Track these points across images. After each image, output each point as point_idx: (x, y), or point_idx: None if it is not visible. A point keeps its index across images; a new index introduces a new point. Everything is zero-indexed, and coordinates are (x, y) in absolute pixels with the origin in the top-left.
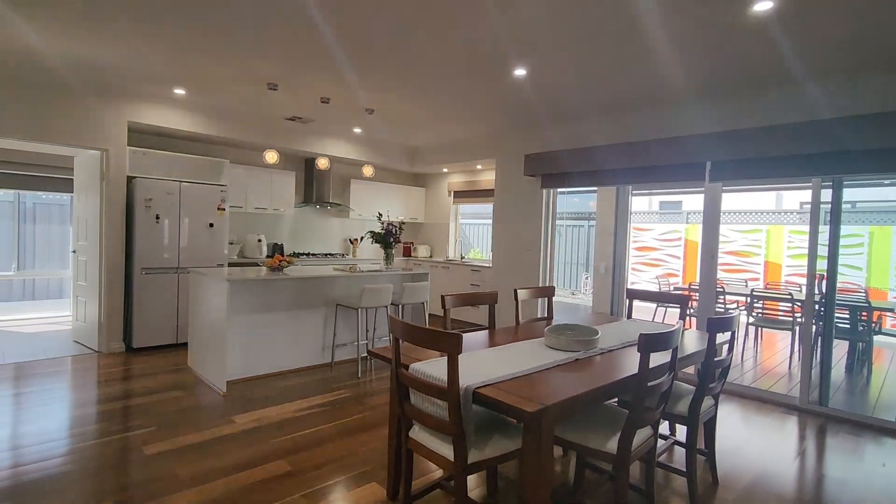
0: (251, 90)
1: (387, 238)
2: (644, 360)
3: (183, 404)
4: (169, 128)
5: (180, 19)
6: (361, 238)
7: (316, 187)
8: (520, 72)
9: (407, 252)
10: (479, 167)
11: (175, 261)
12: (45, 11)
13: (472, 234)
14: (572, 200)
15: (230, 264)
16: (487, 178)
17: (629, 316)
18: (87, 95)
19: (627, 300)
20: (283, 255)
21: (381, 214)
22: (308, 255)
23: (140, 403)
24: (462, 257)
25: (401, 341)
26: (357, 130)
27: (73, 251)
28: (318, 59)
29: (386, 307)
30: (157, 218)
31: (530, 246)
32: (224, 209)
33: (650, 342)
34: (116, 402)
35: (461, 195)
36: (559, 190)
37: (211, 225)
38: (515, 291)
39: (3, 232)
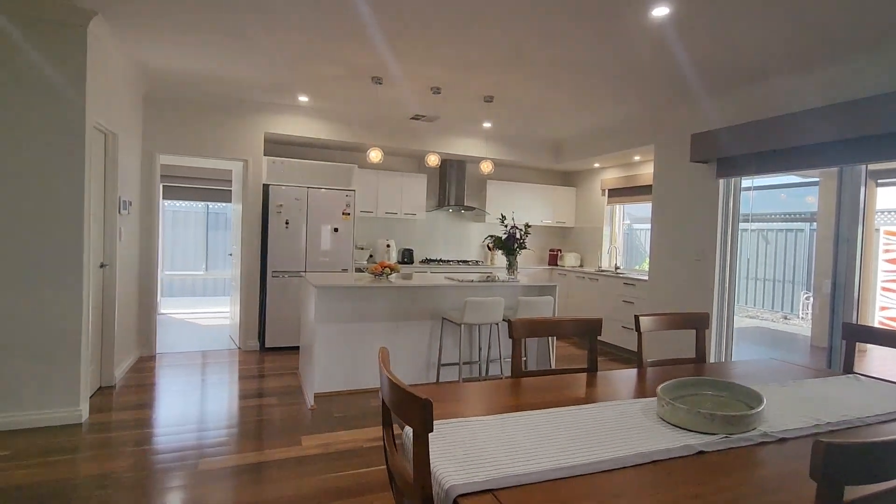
0: (361, 87)
1: (508, 243)
2: (827, 494)
3: (269, 414)
4: (300, 136)
5: (282, 16)
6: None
7: (450, 190)
8: (660, 10)
9: (553, 260)
10: (636, 158)
11: (302, 264)
12: (195, 38)
13: (646, 241)
14: (778, 196)
15: (357, 269)
16: (648, 171)
17: (848, 368)
18: (230, 111)
19: (844, 342)
20: (411, 261)
21: (503, 217)
22: (439, 261)
23: (235, 408)
24: (617, 268)
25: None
26: (487, 125)
27: (230, 254)
28: (411, 40)
29: (496, 324)
30: (287, 223)
31: (701, 254)
32: (349, 214)
33: (836, 458)
34: (219, 404)
35: (616, 194)
36: (743, 179)
37: (336, 230)
38: (637, 319)
39: (196, 237)
